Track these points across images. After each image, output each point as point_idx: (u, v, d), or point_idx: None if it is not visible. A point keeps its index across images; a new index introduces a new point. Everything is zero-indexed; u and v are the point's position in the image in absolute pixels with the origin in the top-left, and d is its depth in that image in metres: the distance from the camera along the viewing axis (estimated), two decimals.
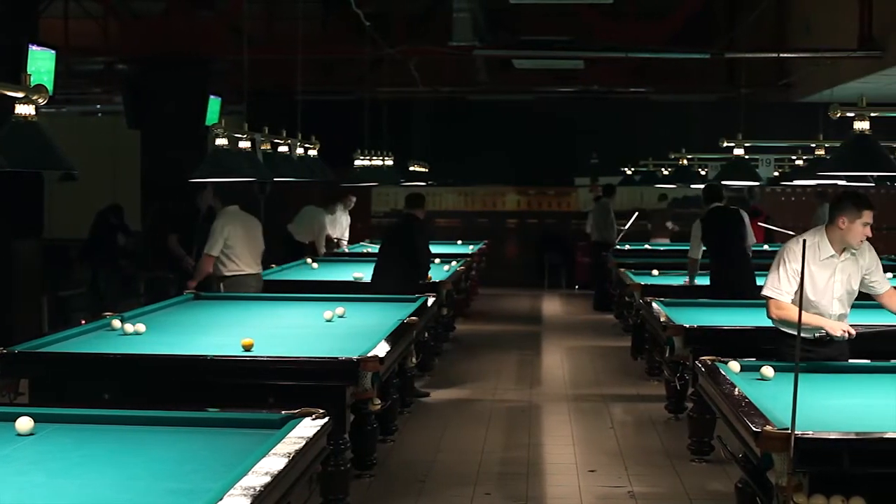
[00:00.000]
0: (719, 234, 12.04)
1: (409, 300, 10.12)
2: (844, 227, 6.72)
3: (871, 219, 6.75)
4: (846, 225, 6.71)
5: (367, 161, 15.52)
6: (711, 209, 12.33)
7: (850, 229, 6.71)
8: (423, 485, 8.13)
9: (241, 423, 5.29)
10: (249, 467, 4.31)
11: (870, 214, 6.72)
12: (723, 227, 12.10)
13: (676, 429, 9.76)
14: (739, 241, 12.06)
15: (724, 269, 11.84)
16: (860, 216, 6.69)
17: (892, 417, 5.51)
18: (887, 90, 17.01)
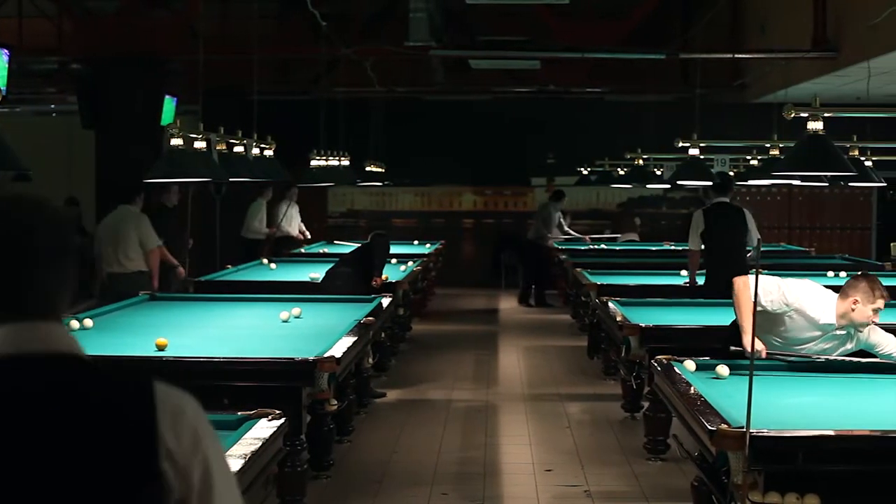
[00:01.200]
0: (720, 230, 11.90)
1: (366, 300, 10.11)
2: (856, 308, 6.52)
3: (883, 307, 6.58)
4: (857, 306, 6.51)
5: (324, 161, 15.50)
6: (716, 203, 12.24)
7: (860, 311, 6.51)
8: (379, 485, 8.11)
9: None
10: None
11: (883, 303, 6.54)
12: (724, 223, 11.95)
13: (633, 428, 9.79)
14: (739, 240, 11.94)
15: (721, 268, 11.68)
16: (874, 302, 6.51)
17: (845, 415, 5.54)
18: (841, 91, 17.13)
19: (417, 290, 15.64)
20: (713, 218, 12.00)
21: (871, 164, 13.53)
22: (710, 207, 12.28)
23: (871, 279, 6.55)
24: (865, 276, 6.63)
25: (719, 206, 12.17)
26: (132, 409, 2.05)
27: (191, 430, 2.09)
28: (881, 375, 6.58)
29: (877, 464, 4.90)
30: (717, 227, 11.90)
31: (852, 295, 6.52)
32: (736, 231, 11.90)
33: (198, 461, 2.08)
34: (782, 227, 22.69)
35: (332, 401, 7.10)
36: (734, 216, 12.05)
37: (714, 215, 12.05)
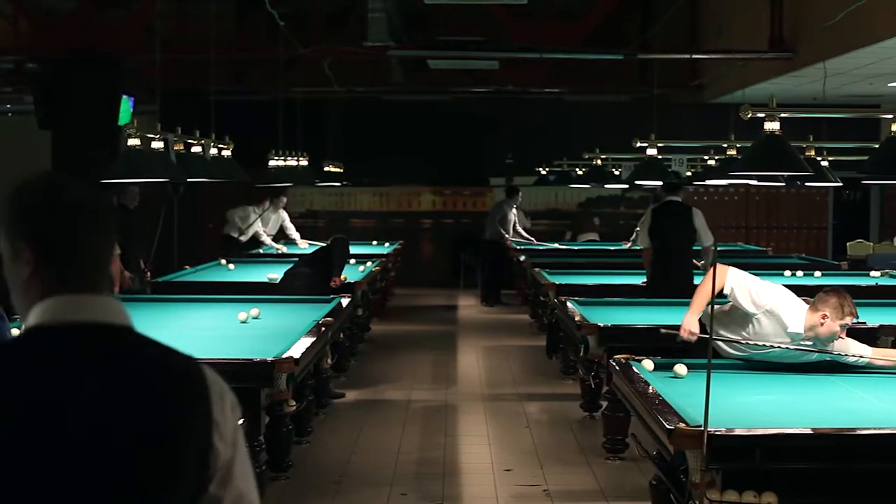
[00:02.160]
0: (666, 229, 11.90)
1: (324, 301, 10.10)
2: (824, 322, 6.48)
3: (851, 323, 6.53)
4: (826, 321, 6.47)
5: (282, 161, 15.45)
6: (666, 202, 12.25)
7: (828, 326, 6.47)
8: (338, 486, 8.10)
9: None
10: None
11: (851, 320, 6.49)
12: (671, 222, 11.96)
13: (591, 427, 9.81)
14: (686, 239, 11.95)
15: (667, 267, 11.72)
16: (842, 319, 6.46)
17: (802, 414, 5.58)
18: (797, 91, 17.24)
19: (376, 291, 15.62)
20: (661, 216, 12.04)
21: (828, 164, 13.61)
22: (659, 206, 12.31)
23: (841, 295, 6.52)
24: (836, 292, 6.57)
25: (669, 204, 12.21)
26: (189, 382, 2.21)
27: (231, 410, 2.27)
28: (838, 374, 6.62)
29: (833, 462, 4.93)
30: (665, 225, 11.93)
31: (822, 309, 6.49)
32: (682, 230, 11.92)
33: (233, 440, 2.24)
34: (739, 227, 22.81)
35: (290, 402, 7.09)
36: (682, 215, 12.07)
37: (662, 214, 12.09)
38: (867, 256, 19.42)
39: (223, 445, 2.22)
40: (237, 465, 2.25)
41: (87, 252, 2.24)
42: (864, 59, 14.30)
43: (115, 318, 2.23)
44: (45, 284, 2.20)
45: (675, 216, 12.03)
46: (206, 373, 2.27)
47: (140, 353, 2.20)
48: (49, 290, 2.19)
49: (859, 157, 12.93)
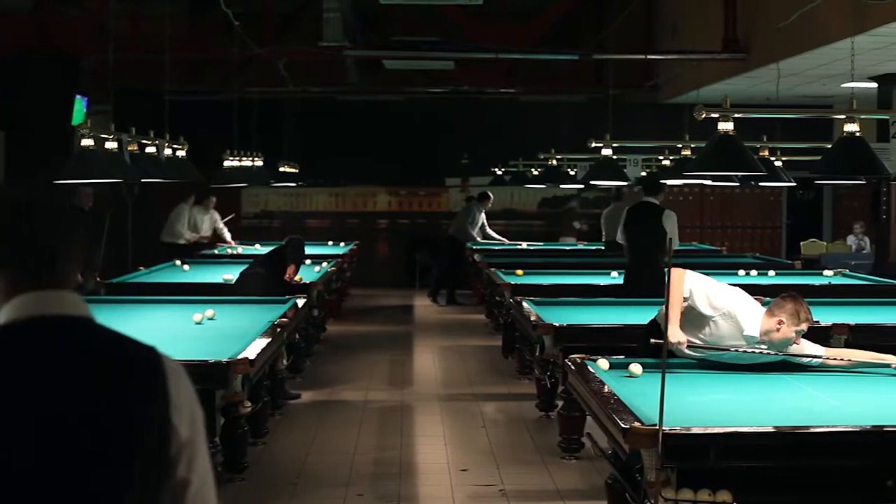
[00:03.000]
0: (638, 229, 11.90)
1: (280, 301, 10.07)
2: (780, 328, 6.49)
3: (806, 329, 6.55)
4: (782, 326, 6.49)
5: (237, 161, 15.41)
6: (642, 202, 12.22)
7: (783, 331, 6.49)
8: (295, 487, 8.08)
9: None
10: None
11: (807, 326, 6.51)
12: (643, 222, 11.94)
13: (547, 427, 9.83)
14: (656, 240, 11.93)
15: (639, 268, 11.72)
16: (798, 325, 6.47)
17: (756, 412, 5.61)
18: (751, 92, 17.34)
19: (332, 291, 15.59)
20: (635, 216, 12.04)
21: (781, 164, 13.72)
22: (635, 206, 12.30)
23: (797, 301, 6.53)
24: (793, 298, 6.57)
25: (644, 205, 12.19)
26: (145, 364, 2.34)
27: (187, 391, 2.38)
28: (792, 373, 6.66)
29: (787, 459, 4.97)
30: (637, 226, 11.94)
31: (778, 314, 6.51)
32: (652, 231, 11.90)
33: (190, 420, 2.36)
34: (694, 227, 22.91)
35: (245, 403, 7.05)
36: (656, 216, 12.03)
37: (636, 214, 12.09)
38: (820, 256, 19.57)
39: (182, 425, 2.32)
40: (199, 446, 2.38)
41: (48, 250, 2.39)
42: (816, 60, 14.39)
43: (75, 310, 2.40)
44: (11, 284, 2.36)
45: (647, 217, 12.00)
46: (162, 356, 2.38)
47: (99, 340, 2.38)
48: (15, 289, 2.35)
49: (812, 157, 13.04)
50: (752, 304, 6.79)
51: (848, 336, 8.50)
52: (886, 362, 6.76)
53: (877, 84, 15.77)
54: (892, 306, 10.41)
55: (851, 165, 8.81)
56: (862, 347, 7.35)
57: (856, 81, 14.61)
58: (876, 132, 13.34)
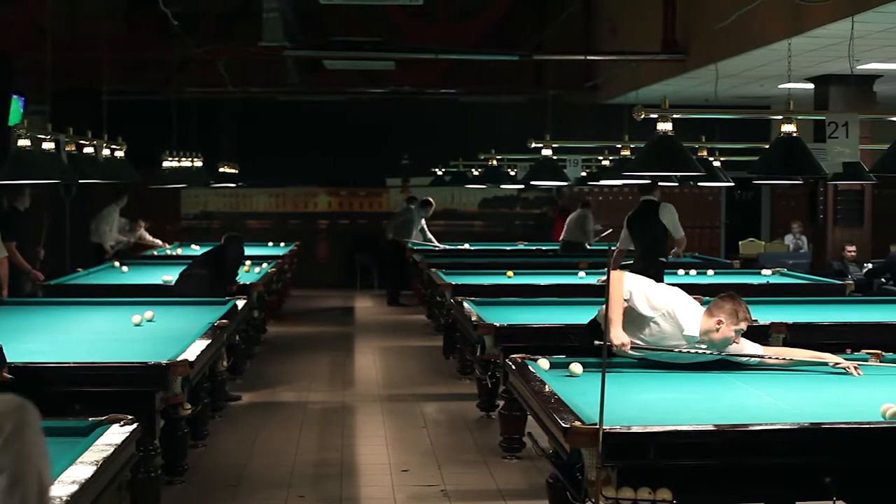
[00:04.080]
0: (641, 228, 12.06)
1: (220, 303, 10.03)
2: (719, 328, 6.57)
3: (745, 328, 6.62)
4: (721, 326, 6.56)
5: (176, 162, 15.32)
6: (642, 203, 12.30)
7: (723, 331, 6.57)
8: (235, 489, 8.04)
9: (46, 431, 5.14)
10: (56, 476, 4.20)
11: (746, 325, 6.58)
12: (644, 220, 12.14)
13: (488, 426, 9.85)
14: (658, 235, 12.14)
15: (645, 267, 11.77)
16: (737, 324, 6.55)
17: (696, 410, 5.64)
18: (689, 92, 17.46)
19: (272, 292, 15.55)
20: (637, 217, 12.18)
21: (720, 165, 13.81)
22: (636, 209, 12.35)
23: (736, 301, 6.60)
24: (732, 298, 6.65)
25: (643, 204, 12.31)
26: None
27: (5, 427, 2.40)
28: (731, 372, 6.71)
29: (726, 457, 5.00)
30: (640, 224, 12.06)
31: (717, 314, 6.58)
32: (653, 229, 12.03)
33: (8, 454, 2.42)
34: None
35: (185, 405, 7.02)
36: (653, 213, 12.19)
37: (638, 214, 12.20)
38: (759, 255, 19.72)
39: None
40: None
41: None
42: (754, 61, 14.52)
43: None
44: None
45: (649, 214, 12.17)
46: None
47: None
48: None
49: (750, 158, 13.16)
50: (691, 304, 6.85)
51: (786, 334, 8.58)
52: (824, 360, 6.83)
53: (813, 85, 15.93)
54: (829, 305, 10.52)
55: (789, 166, 8.88)
56: (800, 346, 7.42)
57: (793, 82, 14.76)
58: (813, 133, 13.46)
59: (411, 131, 22.92)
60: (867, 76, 15.34)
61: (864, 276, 15.38)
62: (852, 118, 8.54)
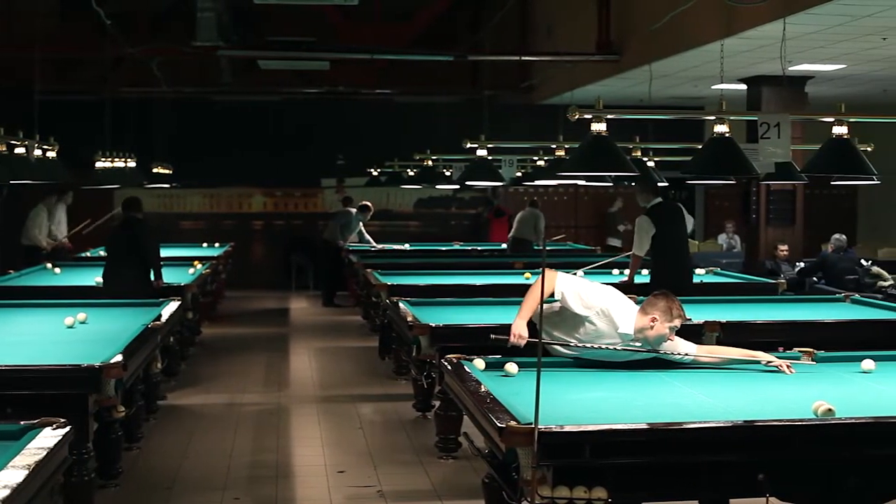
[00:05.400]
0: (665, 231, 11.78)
1: (153, 304, 9.96)
2: (653, 325, 6.62)
3: (679, 325, 6.68)
4: (655, 324, 6.62)
5: (109, 163, 15.19)
6: (656, 205, 12.17)
7: (657, 329, 6.62)
8: (170, 492, 7.99)
9: None
10: None
11: (680, 322, 6.65)
12: (669, 224, 11.85)
13: (424, 427, 9.85)
14: (684, 238, 12.02)
15: (667, 266, 11.68)
16: (671, 321, 6.61)
17: (630, 409, 5.67)
18: (624, 93, 17.57)
19: (207, 293, 15.47)
20: (659, 220, 11.95)
21: (654, 165, 13.89)
22: (651, 210, 12.17)
23: (669, 299, 6.67)
24: (665, 296, 6.71)
25: (660, 206, 12.08)
26: None
27: None
28: (665, 371, 6.75)
29: (661, 455, 5.03)
30: (664, 227, 11.90)
31: (651, 312, 6.64)
32: (679, 228, 11.97)
33: None
34: (569, 226, 23.13)
35: (119, 407, 6.97)
36: (676, 214, 12.06)
37: (659, 217, 12.00)
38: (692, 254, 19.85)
39: None
40: None
41: None
42: (687, 62, 14.64)
43: None
44: None
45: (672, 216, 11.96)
46: None
47: None
48: None
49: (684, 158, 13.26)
50: (625, 302, 6.89)
51: (719, 333, 8.65)
52: (757, 359, 6.89)
53: (746, 86, 16.08)
54: (761, 304, 10.61)
55: (722, 166, 8.97)
56: (733, 344, 7.48)
57: (726, 83, 14.90)
58: (745, 133, 13.58)
59: (346, 132, 22.88)
60: (799, 77, 15.52)
61: (797, 274, 15.56)
62: (784, 119, 8.62)
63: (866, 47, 13.26)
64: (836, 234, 15.80)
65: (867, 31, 12.18)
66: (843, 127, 7.99)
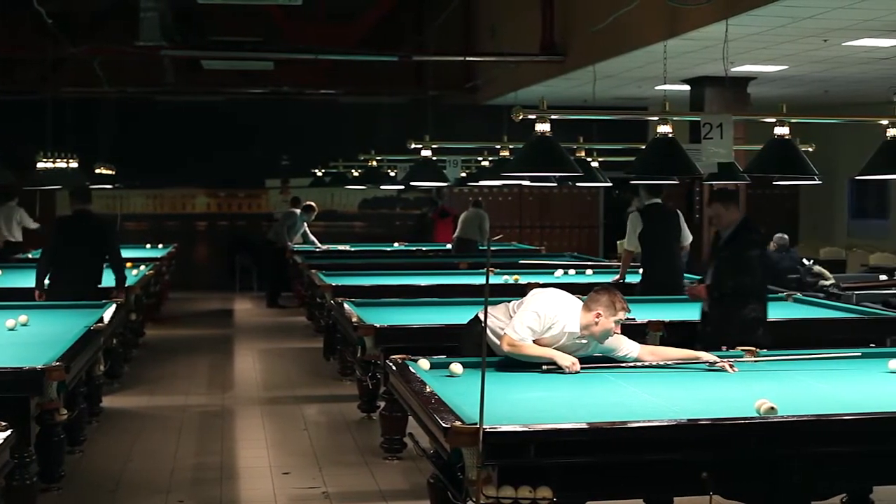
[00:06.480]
0: (657, 231, 11.95)
1: (96, 306, 9.89)
2: (599, 321, 6.69)
3: (624, 318, 6.76)
4: (600, 319, 6.69)
5: (51, 163, 15.05)
6: (651, 205, 12.19)
7: (602, 323, 6.69)
8: (113, 495, 7.94)
9: None
10: None
11: (624, 315, 6.73)
12: (661, 224, 12.02)
13: (369, 427, 9.84)
14: (675, 240, 12.07)
15: (658, 268, 11.81)
16: (615, 315, 6.69)
17: (574, 409, 5.68)
18: (568, 94, 17.61)
19: (150, 295, 15.37)
20: (650, 219, 12.02)
21: (598, 165, 13.93)
22: (645, 209, 12.23)
23: (612, 293, 6.75)
24: (607, 290, 6.80)
25: (654, 206, 12.15)
26: None
27: None
28: (610, 370, 6.78)
29: (604, 455, 5.05)
30: (654, 228, 11.95)
31: (595, 308, 6.71)
32: (671, 231, 12.03)
33: None
34: (514, 227, 23.18)
35: (61, 410, 6.91)
36: (670, 217, 12.15)
37: (650, 216, 12.07)
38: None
39: None
40: None
41: None
42: (631, 63, 14.70)
43: None
44: None
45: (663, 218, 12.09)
46: None
47: None
48: None
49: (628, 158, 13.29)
50: (569, 299, 6.92)
51: (663, 332, 8.71)
52: (699, 359, 6.94)
53: (689, 86, 16.17)
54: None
55: (665, 166, 9.01)
56: (676, 344, 7.54)
57: (669, 84, 14.97)
58: (689, 133, 13.66)
59: (291, 132, 22.82)
60: (741, 78, 15.62)
61: None
62: (726, 119, 8.67)
63: (807, 49, 13.38)
64: (779, 233, 15.91)
65: (808, 32, 12.28)
66: (785, 127, 8.05)
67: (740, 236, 9.01)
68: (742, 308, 8.71)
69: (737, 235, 9.03)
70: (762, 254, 9.38)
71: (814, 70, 15.25)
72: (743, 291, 8.80)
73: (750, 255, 8.96)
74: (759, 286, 8.98)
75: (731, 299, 8.77)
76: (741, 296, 8.78)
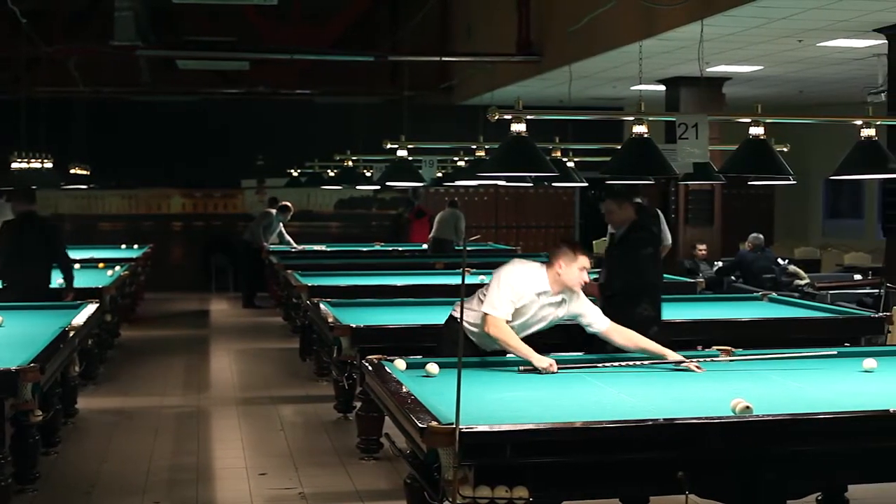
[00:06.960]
0: None
1: (71, 307, 9.86)
2: (562, 271, 6.96)
3: (588, 265, 7.03)
4: (563, 268, 6.96)
5: (25, 163, 14.99)
6: None
7: (567, 273, 6.96)
8: (89, 496, 7.91)
9: None
10: None
11: (585, 260, 7.00)
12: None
13: (346, 428, 9.83)
14: None
15: None
16: (576, 260, 6.96)
17: (551, 408, 5.69)
18: (544, 94, 17.64)
19: (125, 295, 15.32)
20: None
21: (573, 165, 13.96)
22: None
23: (567, 243, 7.12)
24: (563, 242, 7.17)
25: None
26: None
27: None
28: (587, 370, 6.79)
29: (580, 454, 5.05)
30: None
31: (556, 262, 7.00)
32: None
33: None
34: (490, 227, 23.20)
35: (36, 411, 6.88)
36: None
37: None
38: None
39: None
40: None
41: None
42: (607, 63, 14.73)
43: None
44: None
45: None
46: None
47: None
48: None
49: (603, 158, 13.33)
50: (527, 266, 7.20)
51: None
52: (664, 355, 6.96)
53: (664, 87, 16.21)
54: (680, 303, 10.69)
55: (640, 166, 9.04)
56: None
57: (644, 84, 15.01)
58: (664, 133, 13.70)
59: (266, 132, 22.79)
60: (716, 78, 15.68)
61: (715, 274, 15.70)
62: (702, 119, 8.69)
63: (782, 49, 13.43)
64: (754, 233, 15.96)
65: (783, 33, 12.34)
66: (760, 128, 8.07)
67: (631, 236, 9.08)
68: (635, 307, 8.71)
69: (628, 235, 9.09)
70: (655, 252, 9.38)
71: (788, 70, 15.31)
72: (632, 291, 8.84)
73: (640, 255, 9.00)
74: (651, 285, 9.01)
75: (621, 298, 8.79)
76: (632, 295, 8.81)
